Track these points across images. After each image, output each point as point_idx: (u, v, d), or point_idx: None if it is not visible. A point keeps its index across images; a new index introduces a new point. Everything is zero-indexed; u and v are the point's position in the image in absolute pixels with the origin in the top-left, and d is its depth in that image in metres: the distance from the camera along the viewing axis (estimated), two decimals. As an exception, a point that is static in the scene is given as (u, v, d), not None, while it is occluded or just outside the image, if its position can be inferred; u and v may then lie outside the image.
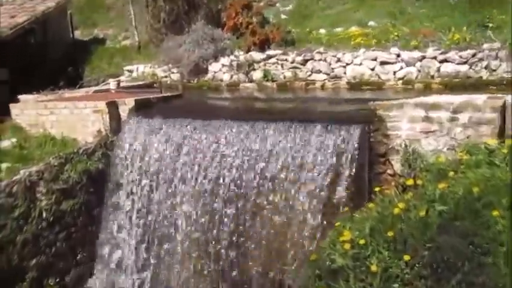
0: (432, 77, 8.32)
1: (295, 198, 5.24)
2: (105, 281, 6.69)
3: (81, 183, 6.69)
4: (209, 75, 10.55)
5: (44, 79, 9.97)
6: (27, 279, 6.14)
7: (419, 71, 8.49)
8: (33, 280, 6.19)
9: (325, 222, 5.00)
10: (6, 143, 7.34)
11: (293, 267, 5.05)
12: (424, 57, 8.48)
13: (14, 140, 7.41)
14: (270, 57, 9.96)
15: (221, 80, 10.40)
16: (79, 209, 6.70)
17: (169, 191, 6.17)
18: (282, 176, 5.32)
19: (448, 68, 8.25)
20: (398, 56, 8.74)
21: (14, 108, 7.86)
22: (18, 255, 6.11)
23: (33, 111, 7.60)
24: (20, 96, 8.77)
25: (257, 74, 9.99)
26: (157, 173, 6.34)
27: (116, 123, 7.12)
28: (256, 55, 10.08)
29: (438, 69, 8.34)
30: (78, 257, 6.75)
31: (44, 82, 9.57)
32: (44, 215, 6.36)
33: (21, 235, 6.16)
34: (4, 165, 6.72)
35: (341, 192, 5.04)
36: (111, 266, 6.65)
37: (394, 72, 8.72)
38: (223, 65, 10.45)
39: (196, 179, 5.89)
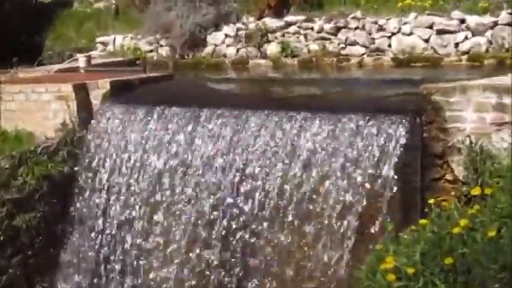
0: (507, 50, 8.25)
1: (320, 214, 5.23)
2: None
3: (40, 192, 6.76)
4: (209, 49, 10.60)
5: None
6: (-30, 318, 6.25)
7: (490, 42, 8.43)
8: (-23, 319, 6.29)
9: (360, 244, 5.00)
10: None
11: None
12: (496, 24, 8.41)
13: (-49, 134, 7.51)
14: (289, 24, 9.98)
15: (224, 56, 10.44)
16: (37, 225, 6.76)
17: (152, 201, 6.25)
18: (301, 185, 5.34)
19: (529, 39, 8.19)
20: (462, 22, 8.69)
21: (-47, 94, 7.97)
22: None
23: (-23, 97, 7.70)
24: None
25: (272, 48, 10.01)
26: (137, 179, 6.41)
27: (86, 113, 7.18)
28: (271, 22, 10.10)
29: (516, 40, 8.27)
30: (36, 288, 6.83)
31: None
32: (-7, 233, 6.45)
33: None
34: None
35: (383, 204, 5.02)
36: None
37: (456, 44, 8.67)
38: (227, 36, 10.49)
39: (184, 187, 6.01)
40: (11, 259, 6.59)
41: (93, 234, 6.75)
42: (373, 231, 5.02)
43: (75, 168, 6.96)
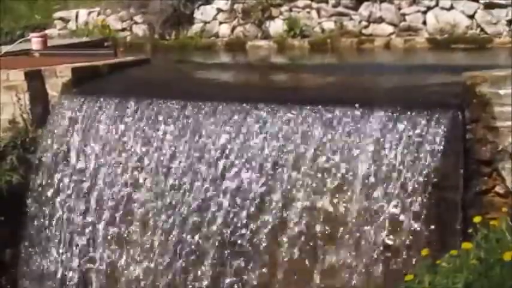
0: None
1: (334, 237, 5.26)
2: None
3: (-17, 207, 6.77)
4: (196, 28, 10.64)
5: None
6: None
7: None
8: None
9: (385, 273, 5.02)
10: None
11: None
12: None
13: None
14: (298, -4, 10.02)
15: (216, 36, 10.48)
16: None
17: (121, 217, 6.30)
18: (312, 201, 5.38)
19: None
20: (516, -7, 8.73)
21: None
22: None
23: None
24: None
25: (277, 26, 10.06)
26: (105, 189, 6.45)
27: (41, 108, 7.21)
28: (275, -7, 10.14)
29: None
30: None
31: None
32: None
33: None
34: None
35: (413, 224, 5.03)
36: None
37: (510, 22, 8.70)
38: (219, 11, 10.52)
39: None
40: None
41: (50, 259, 6.76)
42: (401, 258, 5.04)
43: (28, 177, 6.97)
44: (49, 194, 6.85)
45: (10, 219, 6.93)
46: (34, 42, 9.40)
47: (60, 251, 6.71)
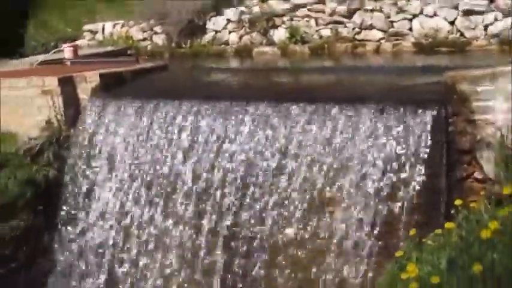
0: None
1: (335, 216, 5.25)
2: None
3: (23, 198, 6.79)
4: (208, 37, 10.62)
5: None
6: None
7: (523, 23, 8.41)
8: None
9: (380, 251, 5.01)
10: None
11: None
12: (531, 3, 8.40)
13: None
14: (297, 7, 10.01)
15: (226, 43, 10.46)
16: (21, 237, 6.80)
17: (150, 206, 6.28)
18: (316, 185, 5.34)
19: None
20: (491, 1, 8.66)
21: None
22: None
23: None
24: None
25: (280, 33, 10.04)
26: (132, 181, 6.41)
27: (73, 110, 7.22)
28: (277, 5, 10.12)
29: (552, 21, 8.25)
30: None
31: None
32: (-30, 245, 6.51)
33: None
34: None
35: (404, 206, 5.01)
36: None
37: (486, 27, 8.65)
38: (228, 21, 10.51)
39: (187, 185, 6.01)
40: (-8, 273, 6.64)
41: (83, 248, 6.78)
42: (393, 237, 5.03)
43: (62, 172, 6.99)
44: (80, 185, 6.88)
45: (48, 211, 6.97)
46: (66, 51, 9.42)
47: (90, 234, 6.74)
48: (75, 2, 13.26)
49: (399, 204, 5.10)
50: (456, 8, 8.77)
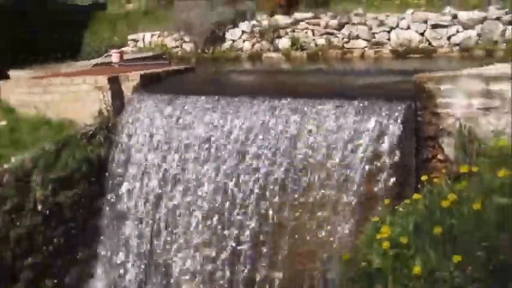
0: (496, 42, 8.12)
1: (328, 190, 5.22)
2: (108, 282, 6.87)
3: (80, 172, 6.84)
4: (227, 44, 10.58)
5: (38, 51, 10.18)
6: (21, 280, 6.37)
7: (479, 35, 8.31)
8: (27, 281, 6.42)
9: (363, 218, 4.98)
10: (-5, 126, 7.56)
11: (324, 268, 5.08)
12: (485, 19, 8.28)
13: (3, 122, 7.61)
14: (298, 21, 9.94)
15: (241, 50, 10.42)
16: (78, 201, 6.86)
17: (179, 182, 6.24)
18: (311, 163, 5.31)
19: (515, 31, 8.06)
20: (454, 17, 8.57)
21: (3, 86, 8.06)
22: (11, 253, 6.33)
23: (25, 90, 7.78)
24: (10, 72, 8.98)
25: (284, 42, 9.98)
26: (164, 160, 6.41)
27: (119, 102, 7.22)
28: (281, 19, 10.06)
29: (503, 33, 8.13)
30: (78, 256, 6.93)
31: (38, 54, 9.78)
32: (40, 207, 6.55)
33: (15, 230, 6.37)
34: (-6, 152, 6.94)
35: (382, 182, 4.99)
36: (114, 266, 6.81)
37: (449, 38, 8.58)
38: (243, 32, 10.46)
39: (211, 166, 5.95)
40: (55, 230, 6.69)
41: (124, 211, 6.82)
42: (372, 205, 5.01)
43: (110, 151, 7.02)
44: (123, 161, 6.91)
45: (99, 181, 7.03)
46: (114, 56, 9.41)
47: (132, 202, 6.78)
48: (121, 17, 13.25)
49: (378, 178, 5.10)
50: (425, 22, 8.68)
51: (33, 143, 6.92)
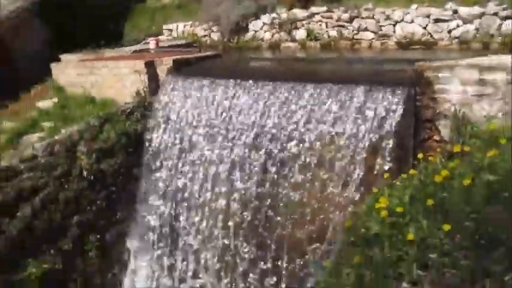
0: (492, 35, 7.85)
1: (334, 166, 5.18)
2: (141, 240, 6.98)
3: (119, 144, 6.90)
4: (249, 35, 10.45)
5: (85, 37, 10.22)
6: (68, 236, 6.51)
7: (477, 29, 8.03)
8: (74, 237, 6.55)
9: (365, 191, 4.94)
10: (48, 103, 7.66)
11: (330, 235, 5.07)
12: (484, 14, 7.99)
13: (55, 100, 7.70)
14: (313, 14, 9.73)
15: (262, 40, 10.28)
16: (118, 169, 6.95)
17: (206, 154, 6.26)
18: (320, 142, 5.27)
19: (511, 26, 7.75)
20: (455, 12, 8.29)
21: (55, 68, 8.12)
22: (60, 213, 6.45)
23: (73, 71, 7.83)
24: (61, 56, 9.05)
25: (300, 33, 9.80)
26: (193, 136, 6.42)
27: (155, 84, 7.23)
28: (299, 12, 9.86)
29: (499, 27, 7.85)
30: (117, 216, 7.04)
31: (85, 41, 9.81)
32: (85, 173, 6.64)
33: (64, 193, 6.48)
34: (47, 124, 7.04)
35: (384, 159, 4.93)
36: (147, 228, 6.91)
37: (449, 31, 8.30)
38: (264, 24, 10.30)
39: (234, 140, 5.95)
40: (98, 194, 6.80)
41: (156, 180, 6.84)
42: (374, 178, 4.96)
43: (146, 127, 7.05)
44: (157, 137, 6.93)
45: (136, 153, 7.08)
46: (151, 43, 9.40)
47: (165, 172, 6.81)
48: (158, 9, 13.19)
49: (380, 155, 5.03)
50: (428, 16, 8.42)
51: (80, 118, 7.00)
